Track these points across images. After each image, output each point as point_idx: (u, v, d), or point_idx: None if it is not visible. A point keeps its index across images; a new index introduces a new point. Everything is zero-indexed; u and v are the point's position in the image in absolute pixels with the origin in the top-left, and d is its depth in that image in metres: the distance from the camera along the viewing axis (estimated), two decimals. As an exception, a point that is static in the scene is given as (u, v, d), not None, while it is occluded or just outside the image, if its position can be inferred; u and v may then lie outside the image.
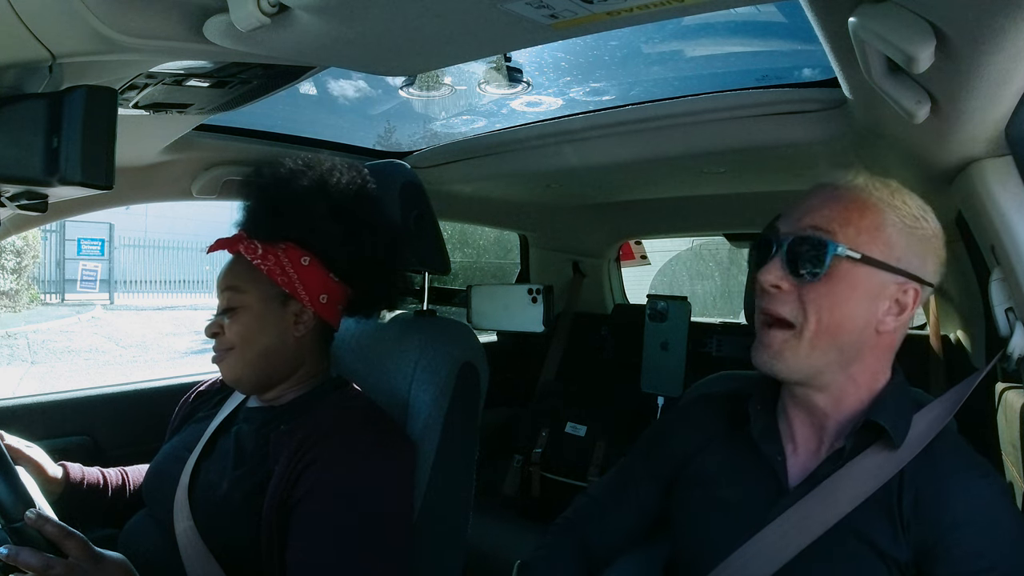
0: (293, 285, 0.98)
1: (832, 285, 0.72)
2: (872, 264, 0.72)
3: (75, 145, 0.57)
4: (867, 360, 0.76)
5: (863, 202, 0.74)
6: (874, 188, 0.75)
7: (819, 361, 0.74)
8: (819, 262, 0.72)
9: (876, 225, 0.73)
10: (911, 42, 0.55)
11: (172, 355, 7.66)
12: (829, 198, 0.76)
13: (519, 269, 2.35)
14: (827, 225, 0.73)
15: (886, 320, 0.74)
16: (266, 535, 0.87)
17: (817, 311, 0.72)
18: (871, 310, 0.73)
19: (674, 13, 0.55)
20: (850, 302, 0.72)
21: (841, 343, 0.73)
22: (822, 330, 0.72)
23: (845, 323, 0.72)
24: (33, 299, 9.38)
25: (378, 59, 0.70)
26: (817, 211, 0.75)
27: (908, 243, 0.74)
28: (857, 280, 0.72)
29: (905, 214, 0.74)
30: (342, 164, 1.06)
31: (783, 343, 0.74)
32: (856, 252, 0.72)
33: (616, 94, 1.42)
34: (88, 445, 1.31)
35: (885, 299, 0.73)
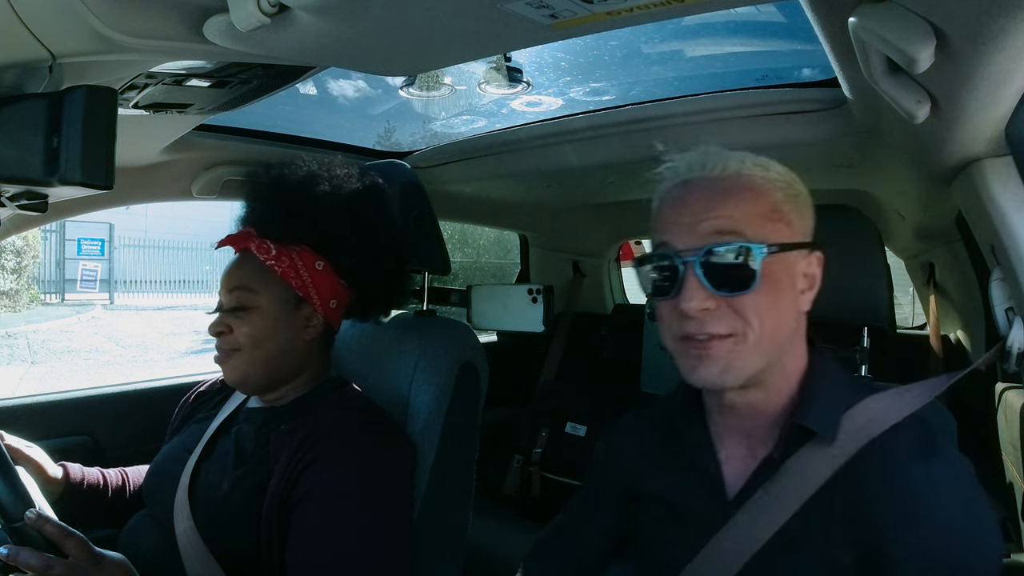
0: (307, 289, 0.98)
1: (764, 288, 0.66)
2: (787, 249, 0.67)
3: (75, 145, 0.57)
4: (795, 346, 0.72)
5: (750, 188, 0.68)
6: (751, 168, 0.69)
7: (764, 361, 0.69)
8: (747, 275, 0.65)
9: (773, 207, 0.68)
10: (911, 42, 0.55)
11: (172, 355, 7.66)
12: (716, 194, 0.68)
13: (519, 269, 2.35)
14: (734, 226, 0.66)
15: (804, 298, 0.70)
16: (266, 535, 0.87)
17: (758, 317, 0.66)
18: (794, 295, 0.69)
19: (674, 13, 0.55)
20: (782, 297, 0.68)
21: (782, 338, 0.69)
22: (766, 334, 0.67)
23: (782, 319, 0.68)
24: (33, 299, 9.39)
25: (378, 59, 0.70)
26: (713, 213, 0.67)
27: (798, 211, 0.70)
28: (781, 272, 0.67)
29: (784, 183, 0.70)
30: (354, 168, 1.06)
31: (730, 352, 0.67)
32: (774, 245, 0.66)
33: (616, 94, 1.42)
34: (88, 445, 1.31)
35: (799, 278, 0.70)
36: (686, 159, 0.72)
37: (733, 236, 0.66)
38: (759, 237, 0.66)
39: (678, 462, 0.79)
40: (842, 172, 1.27)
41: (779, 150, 1.22)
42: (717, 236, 0.66)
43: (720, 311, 0.66)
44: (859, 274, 1.07)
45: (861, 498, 0.65)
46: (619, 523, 0.87)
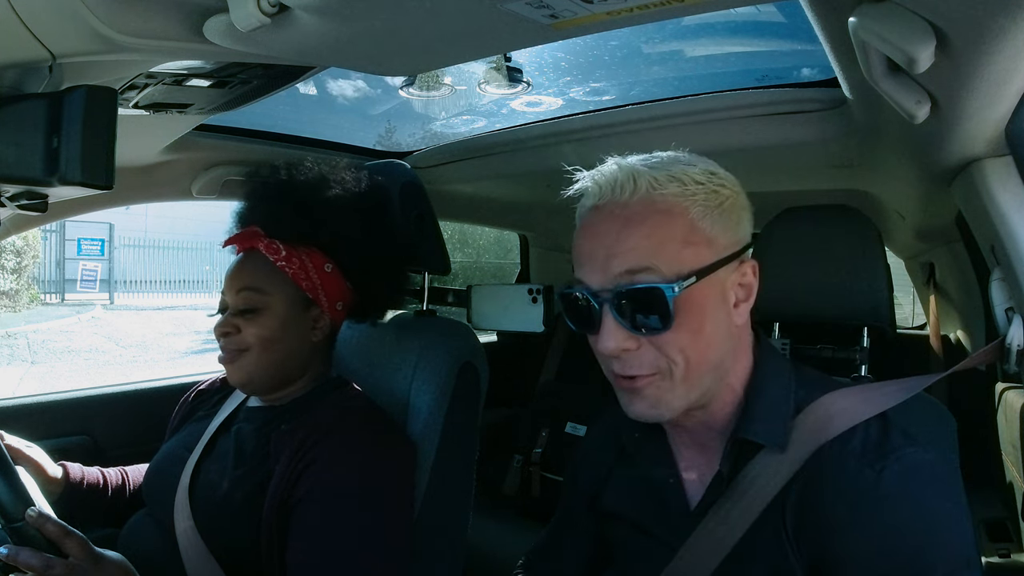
0: (316, 291, 0.98)
1: (684, 321, 0.63)
2: (709, 272, 0.63)
3: (75, 145, 0.57)
4: (737, 359, 0.69)
5: (663, 212, 0.63)
6: (661, 188, 0.64)
7: (699, 389, 0.66)
8: (662, 312, 0.62)
9: (689, 229, 0.63)
10: (911, 42, 0.55)
11: (172, 355, 7.66)
12: (624, 225, 0.64)
13: (519, 269, 2.35)
14: (644, 262, 0.62)
15: (739, 310, 0.67)
16: (266, 535, 0.87)
17: (682, 353, 0.63)
18: (725, 313, 0.66)
19: (674, 13, 0.55)
20: (706, 324, 0.64)
21: (713, 363, 0.66)
22: (693, 366, 0.64)
23: (711, 344, 0.65)
24: (33, 299, 9.39)
25: (378, 59, 0.70)
26: (622, 247, 0.63)
27: (723, 223, 0.65)
28: (703, 298, 0.63)
29: (703, 195, 0.65)
30: (361, 171, 1.06)
31: (657, 388, 0.65)
32: (691, 276, 0.62)
33: (616, 94, 1.42)
34: (88, 445, 1.31)
35: (731, 292, 0.66)
36: (596, 178, 0.68)
37: (645, 273, 0.62)
38: (674, 268, 0.62)
39: (638, 476, 0.77)
40: (842, 172, 1.27)
41: (779, 150, 1.22)
42: (628, 276, 0.63)
43: (642, 350, 0.64)
44: (859, 274, 1.07)
45: (810, 505, 0.63)
46: (594, 536, 0.85)
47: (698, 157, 0.70)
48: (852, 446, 0.63)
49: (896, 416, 0.67)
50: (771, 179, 1.43)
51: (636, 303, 0.62)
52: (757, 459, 0.66)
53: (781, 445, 0.65)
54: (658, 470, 0.74)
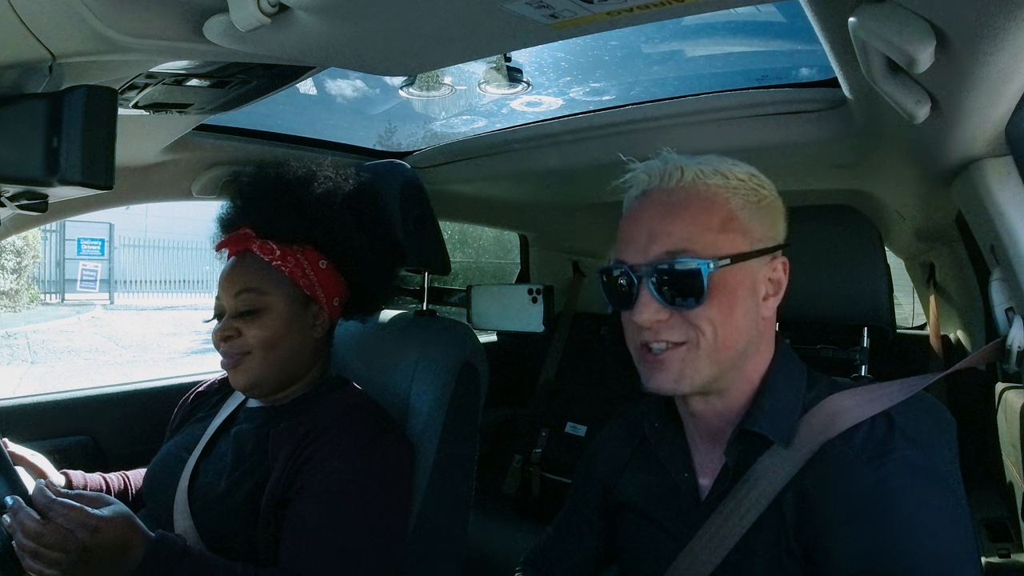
0: (314, 288, 0.98)
1: (716, 299, 0.67)
2: (742, 259, 0.68)
3: (75, 145, 0.57)
4: (758, 351, 0.72)
5: (705, 199, 0.69)
6: (705, 178, 0.69)
7: (720, 369, 0.69)
8: (696, 289, 0.66)
9: (728, 218, 0.68)
10: (911, 42, 0.55)
11: (172, 355, 7.66)
12: (668, 210, 0.69)
13: (519, 269, 2.35)
14: (684, 245, 0.67)
15: (767, 304, 0.70)
16: (264, 533, 0.87)
17: (711, 327, 0.67)
18: (754, 303, 0.69)
19: (674, 13, 0.55)
20: (736, 307, 0.68)
21: (738, 347, 0.69)
22: (719, 343, 0.68)
23: (738, 327, 0.68)
24: (33, 299, 9.39)
25: (378, 59, 0.70)
26: (664, 231, 0.68)
27: (760, 218, 0.70)
28: (736, 282, 0.68)
29: (745, 191, 0.70)
30: (349, 168, 1.06)
31: (682, 361, 0.68)
32: (726, 258, 0.67)
33: (616, 94, 1.42)
34: (88, 445, 1.31)
35: (761, 284, 0.70)
36: (647, 168, 0.72)
37: (683, 255, 0.66)
38: (710, 251, 0.66)
39: (655, 468, 0.79)
40: (842, 172, 1.27)
41: (779, 150, 1.22)
42: (667, 256, 0.67)
43: (672, 321, 0.68)
44: (859, 274, 1.07)
45: (810, 500, 0.64)
46: (602, 530, 0.88)
47: (741, 162, 0.74)
48: (854, 444, 0.65)
49: (899, 417, 0.69)
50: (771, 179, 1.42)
51: (673, 279, 0.67)
52: (764, 454, 0.68)
53: (786, 441, 0.68)
54: (673, 463, 0.77)
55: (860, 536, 0.61)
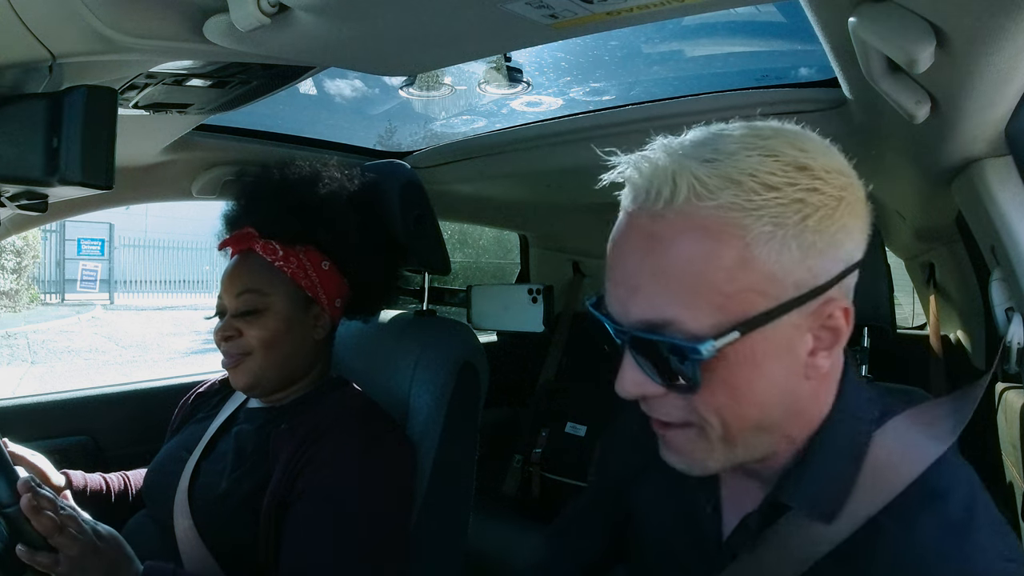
0: (316, 289, 0.98)
1: (719, 379, 0.47)
2: (761, 324, 0.46)
3: (75, 145, 0.57)
4: (803, 410, 0.52)
5: (703, 230, 0.45)
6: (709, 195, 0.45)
7: (746, 450, 0.52)
8: (685, 375, 0.47)
9: (739, 259, 0.45)
10: (911, 42, 0.55)
11: (172, 355, 7.66)
12: (649, 252, 0.47)
13: (519, 269, 2.35)
14: (666, 315, 0.46)
15: (816, 362, 0.49)
16: (265, 534, 0.87)
17: (716, 416, 0.49)
18: (788, 365, 0.49)
19: (674, 13, 0.55)
20: (756, 381, 0.48)
21: (765, 422, 0.50)
22: (733, 428, 0.49)
23: (760, 406, 0.49)
24: (33, 299, 9.39)
25: (378, 59, 0.70)
26: (642, 289, 0.48)
27: (801, 249, 0.45)
28: (753, 352, 0.47)
29: (776, 207, 0.45)
30: (353, 168, 1.06)
31: (690, 443, 0.52)
32: (732, 329, 0.45)
33: (616, 94, 1.42)
34: (88, 446, 1.31)
35: (803, 340, 0.48)
36: (634, 175, 0.50)
37: (666, 328, 0.47)
38: (708, 318, 0.46)
39: (674, 490, 0.65)
40: None
41: (779, 150, 1.22)
42: (645, 326, 0.48)
43: (668, 398, 0.50)
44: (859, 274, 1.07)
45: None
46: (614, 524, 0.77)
47: (795, 133, 0.49)
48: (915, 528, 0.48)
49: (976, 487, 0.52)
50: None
51: (656, 358, 0.48)
52: (792, 519, 0.53)
53: (828, 518, 0.51)
54: (699, 492, 0.61)
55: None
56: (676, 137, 0.51)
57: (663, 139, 0.51)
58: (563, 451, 1.89)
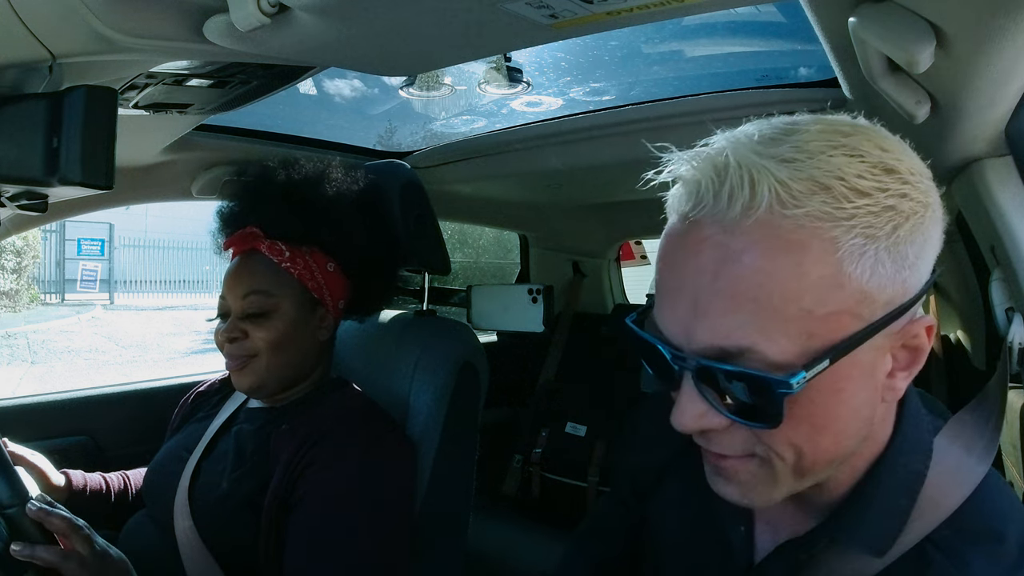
0: (321, 291, 0.98)
1: (804, 414, 0.42)
2: (852, 348, 0.41)
3: (75, 145, 0.57)
4: (873, 435, 0.48)
5: (791, 244, 0.39)
6: (796, 203, 0.39)
7: (812, 481, 0.47)
8: (767, 410, 0.41)
9: (831, 277, 0.40)
10: (911, 42, 0.55)
11: (172, 355, 7.66)
12: (724, 265, 0.41)
13: (519, 269, 2.35)
14: (747, 342, 0.40)
15: (895, 384, 0.45)
16: (265, 535, 0.87)
17: (793, 447, 0.44)
18: (871, 391, 0.44)
19: (674, 13, 0.55)
20: (841, 412, 0.43)
21: (842, 453, 0.46)
22: (807, 462, 0.44)
23: (841, 437, 0.45)
24: (33, 299, 9.39)
25: (378, 59, 0.70)
26: (716, 310, 0.41)
27: (895, 262, 0.41)
28: (840, 380, 0.42)
29: (868, 216, 0.40)
30: (357, 169, 1.06)
31: (752, 476, 0.46)
32: (823, 357, 0.40)
33: (616, 94, 1.42)
34: (88, 445, 1.31)
35: (886, 362, 0.44)
36: (695, 174, 0.43)
37: (745, 358, 0.41)
38: (795, 346, 0.40)
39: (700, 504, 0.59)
40: None
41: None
42: (719, 354, 0.41)
43: (733, 431, 0.45)
44: None
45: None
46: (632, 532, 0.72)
47: (873, 130, 0.44)
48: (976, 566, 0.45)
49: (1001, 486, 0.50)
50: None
51: (729, 390, 0.42)
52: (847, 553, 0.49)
53: (880, 551, 0.47)
54: (727, 509, 0.55)
55: None
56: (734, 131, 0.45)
57: (724, 133, 0.45)
58: (563, 451, 1.89)
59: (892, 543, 0.47)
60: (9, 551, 0.70)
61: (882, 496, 0.48)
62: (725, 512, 0.56)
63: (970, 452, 0.50)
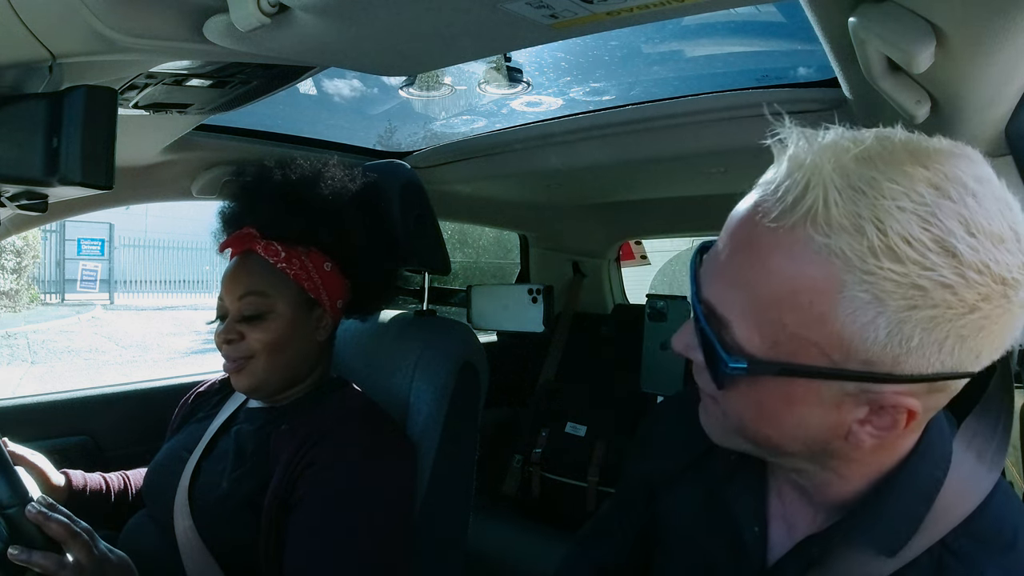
0: (319, 291, 0.97)
1: (748, 396, 0.47)
2: (811, 376, 0.43)
3: (75, 145, 0.57)
4: (852, 458, 0.49)
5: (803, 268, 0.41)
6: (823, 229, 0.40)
7: (762, 451, 0.52)
8: (713, 371, 0.47)
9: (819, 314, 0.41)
10: (911, 42, 0.55)
11: (172, 355, 7.66)
12: (738, 246, 0.45)
13: (519, 269, 2.35)
14: (721, 308, 0.45)
15: (860, 433, 0.45)
16: (266, 535, 0.87)
17: (738, 416, 0.49)
18: (829, 422, 0.46)
19: (674, 13, 0.55)
20: (785, 417, 0.46)
21: (784, 448, 0.49)
22: (750, 432, 0.49)
23: (784, 436, 0.48)
24: (33, 299, 9.39)
25: (378, 59, 0.70)
26: (720, 272, 0.46)
27: (891, 334, 0.40)
28: (793, 392, 0.45)
29: (888, 282, 0.39)
30: (354, 168, 1.06)
31: (714, 417, 0.52)
32: (769, 364, 0.43)
33: (616, 94, 1.42)
34: (88, 446, 1.31)
35: (857, 410, 0.45)
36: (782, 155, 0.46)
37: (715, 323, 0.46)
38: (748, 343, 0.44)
39: (716, 504, 0.61)
40: None
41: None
42: (704, 311, 0.47)
43: (706, 372, 0.49)
44: None
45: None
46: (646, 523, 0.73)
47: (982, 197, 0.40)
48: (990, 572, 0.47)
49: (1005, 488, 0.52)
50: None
51: (703, 340, 0.47)
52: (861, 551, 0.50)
53: (893, 548, 0.49)
54: (743, 509, 0.58)
55: None
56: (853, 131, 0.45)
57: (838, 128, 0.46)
58: (563, 451, 1.89)
59: (904, 545, 0.48)
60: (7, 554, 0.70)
61: (902, 500, 0.49)
62: (741, 512, 0.58)
63: (981, 459, 0.51)
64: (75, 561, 0.72)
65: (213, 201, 1.37)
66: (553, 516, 1.84)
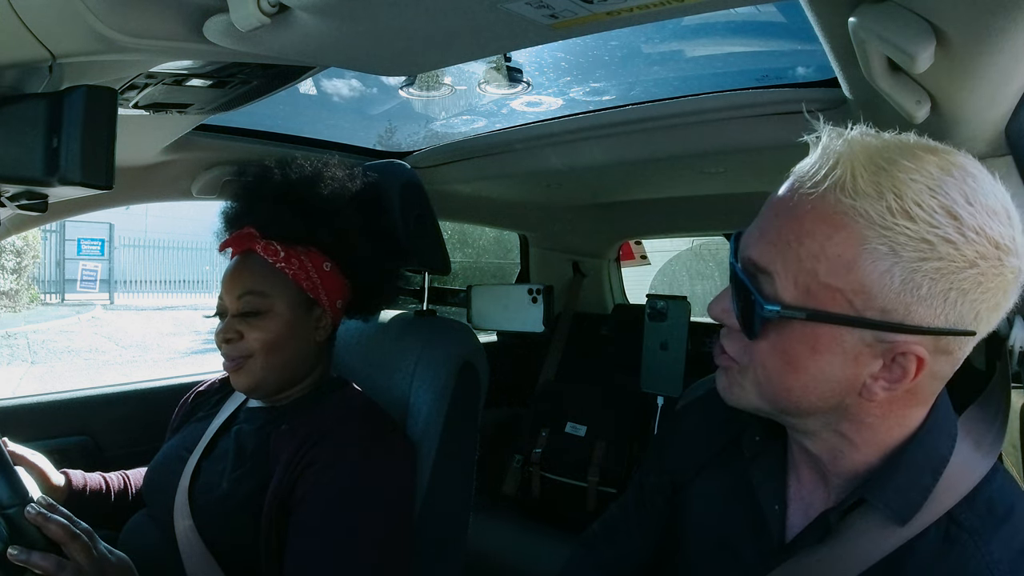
0: (318, 291, 0.97)
1: (776, 344, 0.54)
2: (835, 323, 0.51)
3: (75, 145, 0.57)
4: (864, 421, 0.56)
5: (833, 224, 0.50)
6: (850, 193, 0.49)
7: (778, 409, 0.57)
8: (749, 321, 0.54)
9: (845, 262, 0.50)
10: (911, 42, 0.55)
11: (172, 355, 7.66)
12: (779, 213, 0.54)
13: (519, 269, 2.35)
14: (764, 262, 0.53)
15: (874, 387, 0.52)
16: (266, 535, 0.87)
17: (764, 369, 0.55)
18: (846, 373, 0.53)
19: (674, 13, 0.55)
20: (808, 363, 0.53)
21: (802, 403, 0.55)
22: (770, 389, 0.56)
23: (805, 386, 0.54)
24: (33, 299, 9.39)
25: (378, 59, 0.70)
26: (762, 234, 0.55)
27: (905, 283, 0.49)
28: (818, 338, 0.52)
29: (902, 236, 0.48)
30: (355, 168, 1.06)
31: (734, 376, 0.59)
32: (799, 309, 0.51)
33: (616, 94, 1.42)
34: (88, 445, 1.31)
35: (873, 363, 0.52)
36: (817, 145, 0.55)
37: (758, 276, 0.54)
38: (786, 291, 0.52)
39: (740, 487, 0.66)
40: None
41: (779, 150, 1.22)
42: (747, 267, 0.55)
43: (736, 335, 0.57)
44: None
45: None
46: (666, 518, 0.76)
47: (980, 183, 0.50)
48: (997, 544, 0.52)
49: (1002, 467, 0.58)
50: (771, 179, 1.42)
51: (741, 296, 0.55)
52: (871, 516, 0.56)
53: (904, 514, 0.54)
54: (766, 489, 0.64)
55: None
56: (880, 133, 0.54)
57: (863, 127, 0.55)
58: (563, 451, 1.89)
59: (914, 514, 0.54)
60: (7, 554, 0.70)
61: (912, 470, 0.55)
62: (764, 493, 0.64)
63: (979, 447, 0.58)
64: (75, 562, 0.72)
65: (213, 201, 1.37)
66: (553, 516, 1.84)
